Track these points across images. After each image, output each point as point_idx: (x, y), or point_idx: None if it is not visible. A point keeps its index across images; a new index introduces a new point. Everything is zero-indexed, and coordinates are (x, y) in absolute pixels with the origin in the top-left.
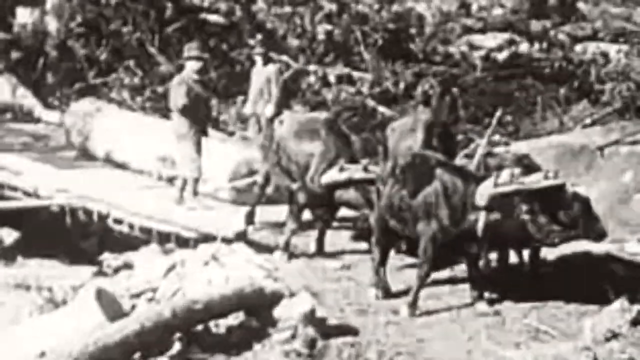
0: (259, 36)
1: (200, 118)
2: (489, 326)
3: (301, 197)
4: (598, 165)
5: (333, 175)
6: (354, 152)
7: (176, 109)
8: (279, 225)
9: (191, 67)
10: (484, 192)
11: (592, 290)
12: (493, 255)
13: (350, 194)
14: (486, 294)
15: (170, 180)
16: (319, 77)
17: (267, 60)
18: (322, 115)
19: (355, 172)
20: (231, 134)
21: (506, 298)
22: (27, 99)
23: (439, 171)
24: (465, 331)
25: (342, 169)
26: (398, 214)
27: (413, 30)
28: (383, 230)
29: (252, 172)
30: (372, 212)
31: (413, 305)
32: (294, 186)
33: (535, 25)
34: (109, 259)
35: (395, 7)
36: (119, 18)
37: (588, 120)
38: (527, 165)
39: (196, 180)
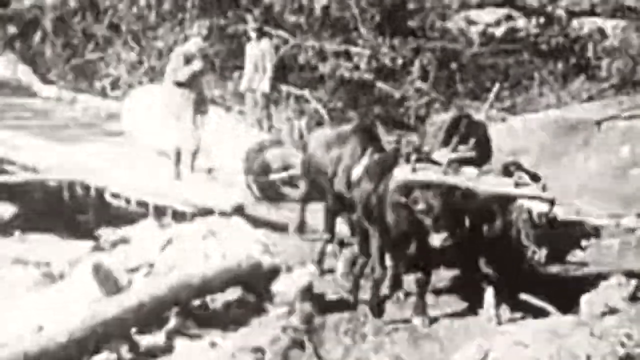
0: (256, 11)
1: (199, 92)
2: None
3: (330, 202)
4: (595, 141)
5: (405, 173)
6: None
7: (175, 82)
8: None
9: (194, 42)
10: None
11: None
12: None
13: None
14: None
15: (209, 170)
16: (316, 52)
17: (261, 35)
18: (348, 126)
19: (435, 173)
20: (228, 109)
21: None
22: (25, 74)
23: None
24: (461, 302)
25: (414, 169)
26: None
27: (411, 6)
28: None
29: (286, 167)
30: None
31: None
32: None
33: (533, 1)
34: (106, 233)
35: None
36: None
37: (585, 96)
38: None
39: (194, 154)
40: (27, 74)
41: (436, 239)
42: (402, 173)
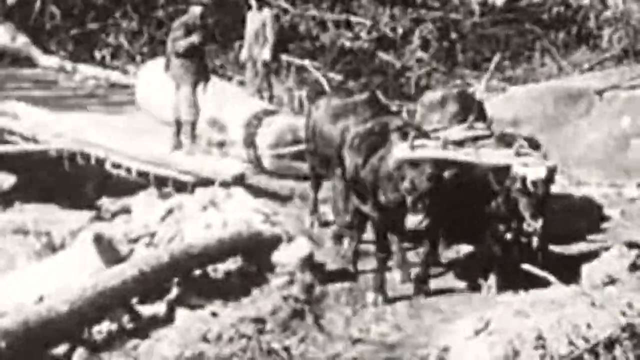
0: None
1: (199, 62)
2: None
3: (338, 183)
4: (596, 111)
5: (404, 151)
6: None
7: (176, 52)
8: None
9: (194, 12)
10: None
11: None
12: None
13: None
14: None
15: (221, 144)
16: (316, 22)
17: (262, 4)
18: (360, 96)
19: (434, 149)
20: (229, 78)
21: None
22: (25, 44)
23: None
24: (464, 277)
25: (413, 146)
26: None
27: None
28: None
29: (297, 141)
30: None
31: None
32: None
33: None
34: (107, 203)
35: None
36: None
37: (586, 66)
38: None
39: (193, 124)
40: (27, 44)
41: (410, 221)
42: (401, 151)
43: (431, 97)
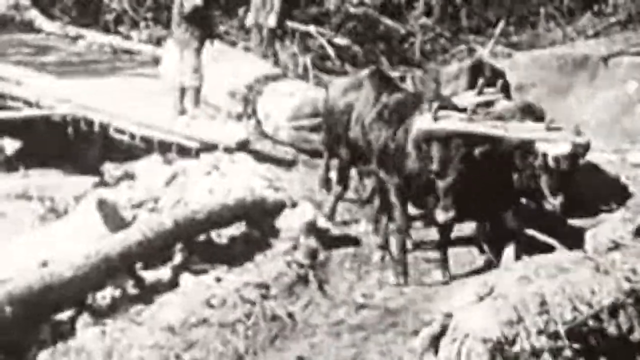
0: None
1: (204, 28)
2: None
3: (343, 153)
4: (601, 76)
5: (427, 122)
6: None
7: (181, 16)
8: None
9: None
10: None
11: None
12: None
13: None
14: None
15: (239, 117)
16: None
17: None
18: (364, 71)
19: (459, 121)
20: (233, 44)
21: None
22: (28, 10)
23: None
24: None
25: (436, 118)
26: None
27: None
28: None
29: (316, 114)
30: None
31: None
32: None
33: None
34: (111, 169)
35: None
36: None
37: (591, 32)
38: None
39: (197, 90)
40: (30, 10)
41: (440, 215)
42: (423, 122)
43: (448, 70)
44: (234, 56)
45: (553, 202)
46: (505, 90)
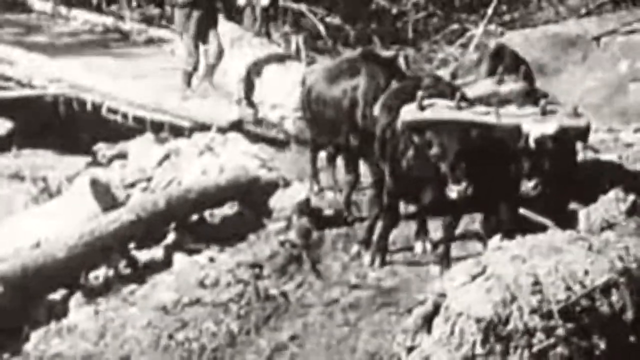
0: None
1: (205, 11)
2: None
3: (353, 141)
4: (594, 55)
5: (412, 112)
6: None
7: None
8: None
9: None
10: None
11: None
12: None
13: None
14: None
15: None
16: None
17: None
18: (353, 53)
19: (446, 110)
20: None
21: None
22: None
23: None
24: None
25: (422, 107)
26: None
27: None
28: None
29: None
30: None
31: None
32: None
33: None
34: (103, 148)
35: None
36: None
37: (584, 10)
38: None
39: (189, 74)
40: None
41: (453, 191)
42: (408, 112)
43: (468, 58)
44: (253, 42)
45: (527, 185)
46: (529, 78)
